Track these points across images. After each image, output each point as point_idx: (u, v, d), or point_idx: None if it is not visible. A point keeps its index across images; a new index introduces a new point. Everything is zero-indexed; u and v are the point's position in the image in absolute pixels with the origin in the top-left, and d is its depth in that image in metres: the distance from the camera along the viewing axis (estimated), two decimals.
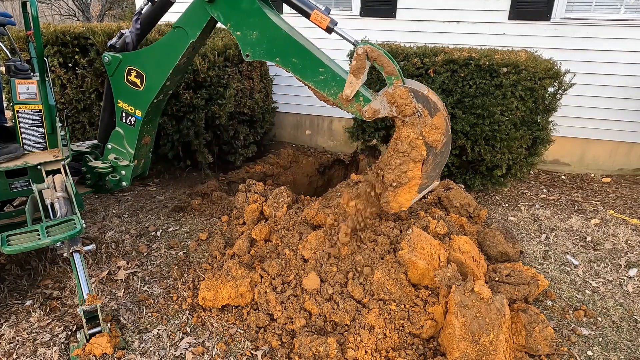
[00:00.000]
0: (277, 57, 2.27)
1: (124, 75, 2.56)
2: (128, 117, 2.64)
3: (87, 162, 2.95)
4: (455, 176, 4.21)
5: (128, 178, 2.87)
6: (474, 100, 3.81)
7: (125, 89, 2.59)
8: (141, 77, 2.52)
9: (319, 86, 2.27)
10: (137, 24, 2.62)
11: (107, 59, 2.56)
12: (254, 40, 2.25)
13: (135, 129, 2.67)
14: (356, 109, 2.24)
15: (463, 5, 4.86)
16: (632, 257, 3.35)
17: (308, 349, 2.23)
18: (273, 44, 2.24)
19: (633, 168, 5.10)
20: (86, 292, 2.31)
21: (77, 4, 13.25)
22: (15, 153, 2.68)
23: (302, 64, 2.25)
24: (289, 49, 2.23)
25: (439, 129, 2.15)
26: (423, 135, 2.15)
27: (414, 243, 2.56)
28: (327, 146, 6.10)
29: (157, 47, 2.51)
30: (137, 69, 2.52)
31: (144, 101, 2.58)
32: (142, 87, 2.55)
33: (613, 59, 4.65)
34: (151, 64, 2.50)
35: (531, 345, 2.31)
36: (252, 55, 2.29)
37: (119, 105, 2.65)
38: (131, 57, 2.56)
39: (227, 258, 3.08)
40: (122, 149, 2.76)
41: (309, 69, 2.25)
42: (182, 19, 2.42)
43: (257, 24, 2.22)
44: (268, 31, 2.22)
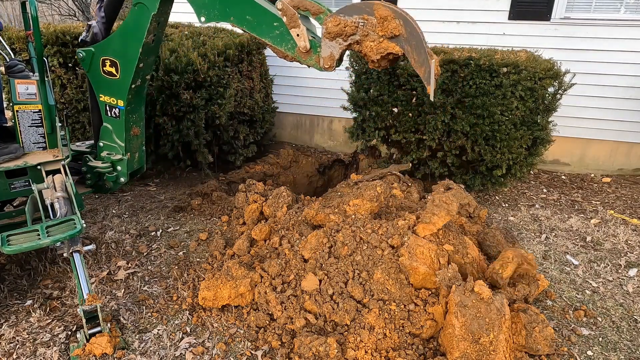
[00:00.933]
0: (231, 16, 2.23)
1: (100, 67, 2.55)
2: (112, 110, 2.64)
3: (87, 162, 2.95)
4: (455, 176, 4.21)
5: (125, 173, 2.86)
6: (474, 100, 3.81)
7: (104, 81, 2.58)
8: (115, 65, 2.50)
9: (276, 42, 2.22)
10: (101, 12, 2.56)
11: (81, 54, 2.54)
12: (207, 1, 2.24)
13: (121, 120, 2.66)
14: (315, 60, 2.20)
15: (463, 5, 4.86)
16: (632, 257, 3.35)
17: (308, 349, 2.23)
18: (226, 2, 2.20)
19: (633, 168, 5.10)
20: (86, 292, 2.31)
21: (77, 4, 13.25)
22: (15, 153, 2.68)
23: (257, 20, 2.19)
24: (242, 6, 2.19)
25: (388, 17, 2.05)
26: (380, 32, 2.07)
27: (413, 249, 2.56)
28: (327, 146, 6.10)
29: (123, 29, 2.47)
30: (110, 58, 2.50)
31: (122, 89, 2.56)
32: (119, 74, 2.53)
33: (613, 59, 4.65)
34: (121, 48, 2.47)
35: (531, 345, 2.31)
36: (207, 18, 2.28)
37: (101, 99, 2.64)
38: (102, 46, 2.53)
39: (227, 258, 3.08)
40: (113, 143, 2.76)
41: (265, 24, 2.19)
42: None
43: None
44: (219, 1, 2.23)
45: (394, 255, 2.61)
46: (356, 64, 4.20)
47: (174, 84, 3.85)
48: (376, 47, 2.08)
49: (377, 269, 2.56)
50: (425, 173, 4.29)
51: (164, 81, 3.84)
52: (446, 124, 3.95)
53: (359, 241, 2.72)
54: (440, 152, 4.14)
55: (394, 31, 2.06)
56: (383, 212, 3.28)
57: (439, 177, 4.23)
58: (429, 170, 4.26)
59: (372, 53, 2.11)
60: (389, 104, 4.07)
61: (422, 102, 3.95)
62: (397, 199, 3.58)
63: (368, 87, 4.13)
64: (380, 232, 2.76)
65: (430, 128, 3.98)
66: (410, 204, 3.54)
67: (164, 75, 3.83)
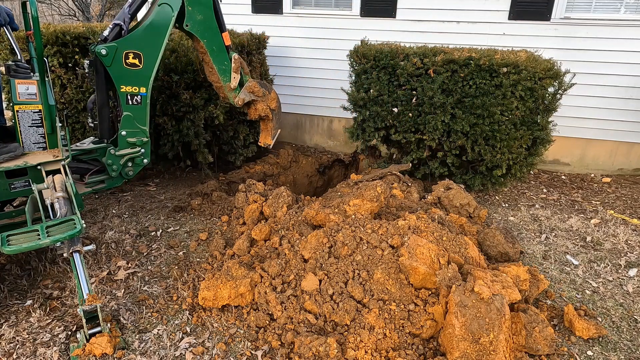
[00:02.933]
0: (205, 39, 3.09)
1: (122, 60, 2.78)
2: (134, 98, 2.89)
3: (113, 153, 3.02)
4: (455, 176, 4.21)
5: (148, 154, 3.15)
6: (474, 100, 3.81)
7: (126, 72, 2.82)
8: (139, 56, 2.81)
9: (220, 72, 3.24)
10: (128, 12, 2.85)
11: (104, 51, 2.71)
12: (197, 19, 3.01)
13: (143, 106, 2.95)
14: (233, 97, 3.36)
15: (463, 5, 4.86)
16: (632, 257, 3.35)
17: (308, 349, 2.23)
18: (207, 29, 3.07)
19: (633, 168, 5.10)
20: (86, 292, 2.31)
21: (77, 4, 13.25)
22: (15, 152, 2.68)
23: (218, 53, 3.17)
24: (215, 39, 3.12)
25: (274, 99, 3.64)
26: (268, 105, 3.56)
27: (413, 249, 2.56)
28: (327, 146, 6.10)
29: (147, 26, 2.83)
30: (133, 51, 2.79)
31: (146, 77, 2.88)
32: (142, 65, 2.83)
33: (613, 59, 4.65)
34: (146, 41, 2.81)
35: (531, 345, 2.31)
36: (190, 28, 3.00)
37: (122, 90, 2.85)
38: (125, 42, 2.77)
39: (227, 258, 3.08)
40: (135, 129, 3.00)
41: (221, 58, 3.20)
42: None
43: (205, 12, 3.02)
44: (208, 21, 3.05)
45: (394, 255, 2.61)
46: (356, 64, 4.20)
47: (174, 84, 3.86)
48: (261, 108, 3.56)
49: (377, 269, 2.56)
50: (425, 173, 4.29)
51: (164, 81, 3.84)
52: (446, 124, 3.95)
53: (359, 241, 2.72)
54: (440, 152, 4.14)
55: (274, 106, 3.65)
56: (383, 212, 3.28)
57: (439, 177, 4.23)
58: (429, 170, 4.26)
59: (259, 109, 3.56)
60: (389, 104, 4.07)
61: (422, 102, 3.95)
62: (397, 199, 3.59)
63: (368, 87, 4.13)
64: (380, 232, 2.76)
65: (430, 128, 3.98)
66: (410, 204, 3.54)
67: (163, 76, 3.83)
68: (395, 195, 3.65)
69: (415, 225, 2.82)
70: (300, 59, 5.65)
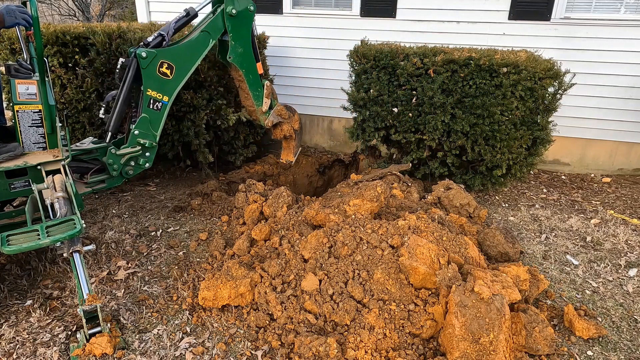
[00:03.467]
0: (244, 69, 3.53)
1: (156, 67, 3.03)
2: (155, 103, 3.09)
3: (113, 153, 3.08)
4: (455, 176, 4.21)
5: (151, 159, 3.25)
6: (474, 100, 3.81)
7: (156, 79, 3.06)
8: (171, 68, 3.08)
9: (254, 97, 3.70)
10: (175, 25, 3.19)
11: (145, 54, 2.95)
12: (239, 52, 3.44)
13: (161, 113, 3.14)
14: (263, 119, 3.82)
15: (463, 5, 4.86)
16: (632, 257, 3.35)
17: (308, 349, 2.23)
18: (247, 61, 3.51)
19: (633, 168, 5.10)
20: (86, 292, 2.31)
21: (77, 4, 13.24)
22: (14, 152, 2.68)
23: (254, 80, 3.61)
24: (252, 69, 3.56)
25: (297, 121, 4.09)
26: (292, 126, 4.04)
27: (413, 249, 2.56)
28: (327, 146, 6.10)
29: (187, 45, 3.17)
30: (168, 62, 3.06)
31: (172, 88, 3.12)
32: (172, 76, 3.10)
33: (613, 59, 4.65)
34: (182, 57, 3.12)
35: (531, 345, 2.31)
36: (232, 59, 3.43)
37: (147, 94, 3.05)
38: (165, 52, 3.04)
39: (227, 258, 3.08)
40: (147, 132, 3.14)
41: (255, 83, 3.64)
42: (208, 25, 3.23)
43: (245, 45, 3.44)
44: (247, 53, 3.49)
45: (394, 255, 2.62)
46: (356, 64, 4.20)
47: None
48: (286, 128, 4.02)
49: (377, 269, 2.56)
50: (425, 173, 4.29)
51: None
52: (446, 124, 3.95)
53: (359, 241, 2.72)
54: (440, 152, 4.14)
55: (297, 127, 4.12)
56: (383, 212, 3.28)
57: (439, 177, 4.23)
58: (429, 170, 4.26)
59: (285, 130, 4.03)
60: (389, 104, 4.07)
61: (422, 102, 3.95)
62: (397, 199, 3.59)
63: (368, 87, 4.13)
64: (380, 232, 2.76)
65: (430, 128, 3.98)
66: (410, 204, 3.54)
67: None
68: (395, 195, 3.65)
69: (415, 225, 2.82)
70: (300, 59, 5.65)
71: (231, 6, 3.23)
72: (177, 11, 5.99)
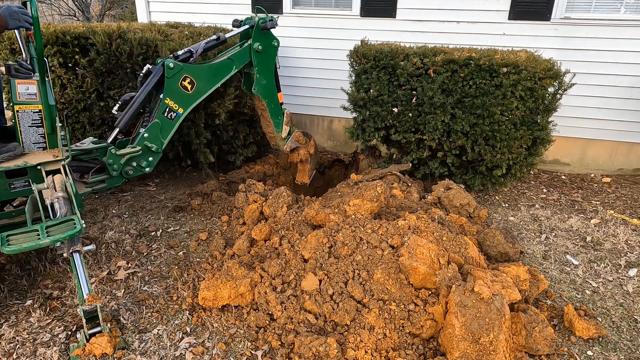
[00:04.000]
0: (267, 99, 3.75)
1: (179, 80, 3.18)
2: (170, 113, 3.22)
3: (114, 153, 3.11)
4: (455, 176, 4.21)
5: (153, 164, 3.29)
6: (474, 100, 3.81)
7: (177, 90, 3.20)
8: (193, 84, 3.26)
9: (275, 125, 3.92)
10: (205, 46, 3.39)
11: (172, 64, 3.12)
12: (263, 84, 3.67)
13: (173, 123, 3.26)
14: (282, 145, 4.05)
15: (463, 5, 4.86)
16: (632, 257, 3.35)
17: (308, 349, 2.23)
18: (270, 92, 3.75)
19: (633, 168, 5.10)
20: (86, 292, 2.31)
21: (77, 4, 13.24)
22: (14, 151, 2.68)
23: (275, 109, 3.85)
24: (274, 99, 3.80)
25: (313, 145, 4.28)
26: (308, 150, 4.23)
27: (413, 249, 2.56)
28: (327, 146, 6.10)
29: (212, 67, 3.37)
30: (191, 77, 3.23)
31: (189, 102, 3.28)
32: (191, 91, 3.27)
33: (613, 59, 4.65)
34: (204, 76, 3.31)
35: (531, 345, 2.31)
36: (257, 91, 3.67)
37: (165, 102, 3.19)
38: (190, 68, 3.22)
39: (227, 258, 3.08)
40: (156, 137, 3.22)
41: (276, 112, 3.88)
42: (235, 54, 3.46)
43: (268, 78, 3.69)
44: (270, 84, 3.73)
45: (394, 255, 2.62)
46: (356, 64, 4.20)
47: None
48: (303, 152, 4.20)
49: (377, 269, 2.56)
50: (425, 173, 4.29)
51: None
52: (446, 124, 3.95)
53: (359, 241, 2.72)
54: (440, 152, 4.14)
55: (313, 151, 4.30)
56: (383, 212, 3.28)
57: (439, 177, 4.23)
58: (429, 170, 4.26)
59: (301, 154, 4.21)
60: (389, 104, 4.07)
61: (422, 102, 3.95)
62: (397, 199, 3.59)
63: (368, 87, 4.13)
64: (380, 232, 2.76)
65: (430, 128, 3.98)
66: (410, 204, 3.54)
67: None
68: (395, 195, 3.65)
69: (415, 225, 2.82)
70: (300, 59, 5.65)
71: (258, 43, 3.50)
72: (177, 11, 6.04)
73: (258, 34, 3.49)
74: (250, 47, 3.48)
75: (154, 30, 4.25)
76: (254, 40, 3.48)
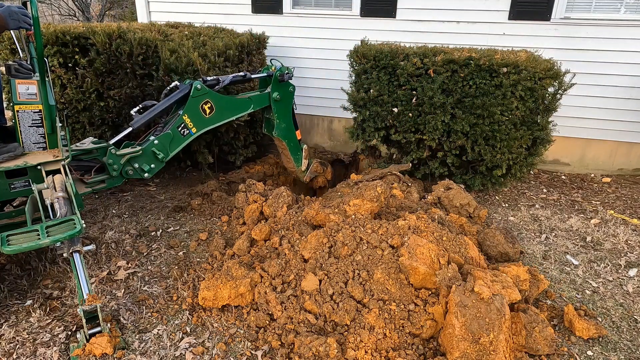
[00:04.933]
0: (287, 139, 4.02)
1: (201, 103, 3.34)
2: (184, 129, 3.34)
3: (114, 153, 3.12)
4: (455, 176, 4.21)
5: (154, 171, 3.31)
6: (474, 100, 3.81)
7: (196, 111, 3.35)
8: (212, 110, 3.42)
9: (295, 160, 4.18)
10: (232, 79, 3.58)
11: (199, 86, 3.30)
12: (282, 127, 3.93)
13: (184, 139, 3.37)
14: (302, 177, 4.36)
15: (463, 5, 4.86)
16: (632, 257, 3.35)
17: (308, 349, 2.23)
18: (289, 133, 4.02)
19: (633, 168, 5.10)
20: (86, 292, 2.31)
21: (77, 4, 13.24)
22: (14, 152, 2.68)
23: (294, 147, 4.11)
24: (293, 138, 4.07)
25: (330, 172, 4.60)
26: (325, 177, 4.56)
27: (413, 249, 2.56)
28: (327, 146, 6.10)
29: (232, 100, 3.56)
30: (212, 103, 3.41)
31: (203, 125, 3.42)
32: (208, 116, 3.43)
33: (613, 59, 4.65)
34: (223, 106, 3.49)
35: (531, 345, 2.31)
36: (277, 135, 3.93)
37: (183, 117, 3.31)
38: (214, 95, 3.40)
39: (227, 258, 3.08)
40: (164, 146, 3.29)
41: (296, 149, 4.14)
42: (254, 97, 3.68)
43: (287, 120, 3.96)
44: (289, 126, 3.99)
45: (394, 255, 2.62)
46: (356, 64, 4.20)
47: None
48: (321, 180, 4.54)
49: (377, 269, 2.56)
50: (425, 173, 4.29)
51: (164, 82, 3.84)
52: (446, 124, 3.95)
53: (359, 241, 2.72)
54: (440, 152, 4.14)
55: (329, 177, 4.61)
56: (383, 212, 3.28)
57: (439, 177, 4.23)
58: (429, 170, 4.26)
59: (320, 182, 4.54)
60: (389, 104, 4.07)
61: (422, 102, 3.95)
62: (397, 199, 3.59)
63: (368, 87, 4.13)
64: (380, 232, 2.76)
65: (430, 128, 3.98)
66: (410, 204, 3.54)
67: (164, 76, 3.83)
68: (395, 195, 3.65)
69: (415, 225, 2.82)
70: (300, 59, 5.65)
71: (276, 93, 3.75)
72: (177, 11, 6.04)
73: (276, 84, 3.74)
74: (270, 95, 3.75)
75: (154, 30, 4.26)
76: (272, 90, 3.74)
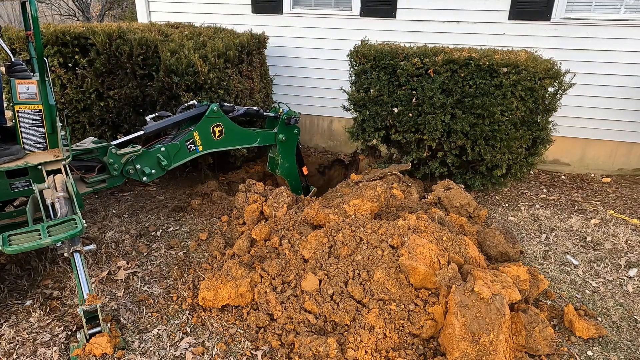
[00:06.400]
0: (288, 178, 4.20)
1: (213, 124, 3.53)
2: (191, 145, 3.48)
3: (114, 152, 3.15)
4: (455, 176, 4.21)
5: (153, 177, 3.38)
6: (474, 100, 3.81)
7: (207, 131, 3.53)
8: (221, 134, 3.59)
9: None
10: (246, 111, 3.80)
11: (215, 109, 3.50)
12: (285, 167, 4.15)
13: (188, 154, 3.49)
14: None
15: (463, 5, 4.86)
16: (632, 257, 3.35)
17: (308, 349, 2.24)
18: (291, 173, 4.22)
19: (633, 168, 5.10)
20: (86, 292, 2.31)
21: (77, 4, 13.24)
22: (17, 155, 2.68)
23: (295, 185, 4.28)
24: (295, 177, 4.28)
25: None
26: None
27: (413, 249, 2.56)
28: (327, 146, 6.10)
29: (242, 130, 3.76)
30: (223, 128, 3.60)
31: (210, 146, 3.58)
32: (216, 138, 3.59)
33: (613, 59, 4.65)
34: (232, 134, 3.67)
35: (531, 345, 2.31)
36: (280, 173, 4.15)
37: (194, 134, 3.45)
38: (226, 120, 3.61)
39: (227, 258, 3.08)
40: (169, 156, 3.39)
41: (296, 189, 4.24)
42: (262, 133, 3.90)
43: (290, 161, 4.19)
44: (291, 167, 4.21)
45: (394, 255, 2.62)
46: (356, 64, 4.20)
47: (174, 85, 3.85)
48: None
49: (377, 269, 2.56)
50: (425, 173, 4.29)
51: (164, 82, 3.84)
52: (446, 124, 3.95)
53: (359, 241, 2.72)
54: (440, 152, 4.14)
55: None
56: (383, 212, 3.28)
57: (439, 177, 4.23)
58: (429, 170, 4.26)
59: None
60: (389, 104, 4.07)
61: (422, 102, 3.95)
62: (397, 199, 3.59)
63: (368, 87, 4.13)
64: (380, 232, 2.76)
65: (430, 128, 3.98)
66: (410, 204, 3.54)
67: (164, 77, 3.83)
68: (395, 195, 3.65)
69: (415, 225, 2.83)
70: (300, 59, 5.65)
71: (282, 134, 4.00)
72: (177, 11, 6.05)
73: (283, 126, 3.97)
74: (276, 135, 3.98)
75: (154, 30, 4.25)
76: (279, 131, 3.97)
